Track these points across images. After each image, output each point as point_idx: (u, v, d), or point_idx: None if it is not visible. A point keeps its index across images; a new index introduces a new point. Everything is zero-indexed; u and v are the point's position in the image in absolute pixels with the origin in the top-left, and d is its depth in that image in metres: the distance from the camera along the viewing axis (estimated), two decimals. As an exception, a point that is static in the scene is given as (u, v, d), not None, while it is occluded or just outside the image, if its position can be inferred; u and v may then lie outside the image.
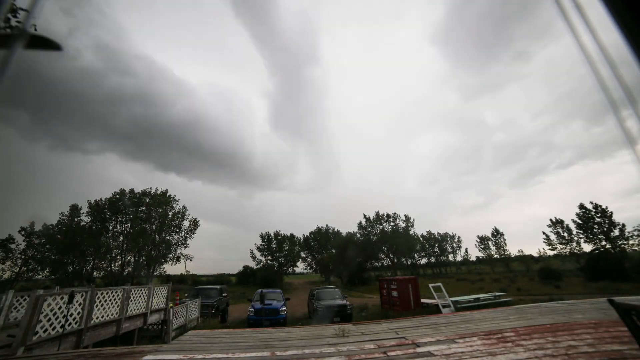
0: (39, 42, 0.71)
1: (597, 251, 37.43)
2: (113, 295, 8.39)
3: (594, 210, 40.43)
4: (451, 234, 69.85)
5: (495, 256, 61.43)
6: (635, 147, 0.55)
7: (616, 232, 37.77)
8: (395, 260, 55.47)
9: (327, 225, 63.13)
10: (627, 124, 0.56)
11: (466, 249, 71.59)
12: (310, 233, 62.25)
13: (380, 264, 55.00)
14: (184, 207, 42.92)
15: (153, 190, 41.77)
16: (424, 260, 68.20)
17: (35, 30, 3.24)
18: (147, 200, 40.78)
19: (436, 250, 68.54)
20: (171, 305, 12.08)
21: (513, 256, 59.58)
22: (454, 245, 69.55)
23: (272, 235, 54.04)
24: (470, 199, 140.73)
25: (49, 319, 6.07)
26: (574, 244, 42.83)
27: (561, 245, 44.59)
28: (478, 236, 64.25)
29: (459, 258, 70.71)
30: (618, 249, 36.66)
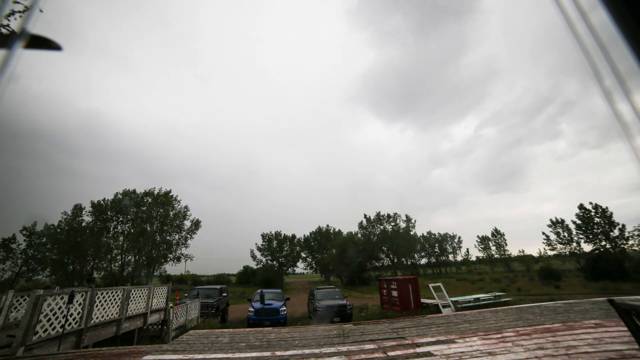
0: (39, 42, 0.71)
1: (597, 251, 37.43)
2: (113, 296, 8.39)
3: (593, 210, 40.44)
4: (451, 234, 70.01)
5: (495, 256, 61.45)
6: (632, 142, 0.55)
7: (616, 232, 37.79)
8: (396, 260, 55.45)
9: (327, 225, 63.29)
10: (623, 115, 0.56)
11: (467, 249, 71.78)
12: (310, 233, 62.37)
13: (380, 264, 54.97)
14: (185, 207, 42.89)
15: (156, 191, 41.78)
16: (424, 260, 68.30)
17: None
18: (149, 201, 40.77)
19: (436, 250, 68.56)
20: (171, 305, 12.07)
21: (513, 256, 59.59)
22: (454, 245, 69.63)
23: (273, 235, 54.04)
24: (470, 197, 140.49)
25: (49, 319, 6.07)
26: (574, 244, 42.85)
27: (561, 246, 44.60)
28: (478, 236, 64.40)
29: (459, 258, 70.81)
30: (618, 249, 36.65)
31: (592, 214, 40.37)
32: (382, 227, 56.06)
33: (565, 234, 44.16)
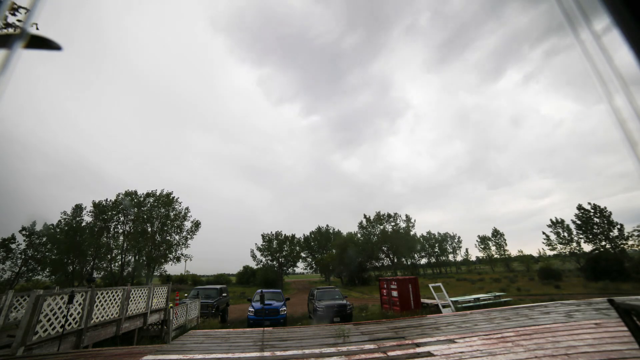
0: (39, 42, 0.71)
1: (597, 251, 37.43)
2: (113, 296, 8.38)
3: (592, 210, 40.47)
4: (451, 234, 70.05)
5: (495, 256, 61.46)
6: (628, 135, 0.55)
7: (615, 232, 37.82)
8: (396, 260, 55.45)
9: (327, 225, 63.34)
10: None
11: (466, 249, 71.86)
12: (310, 233, 62.39)
13: (380, 264, 54.99)
14: (186, 208, 43.02)
15: (158, 192, 41.97)
16: (424, 260, 68.35)
17: (37, 29, 3.25)
18: (151, 202, 40.96)
19: (436, 250, 68.60)
20: (171, 305, 12.06)
21: (513, 256, 59.59)
22: (454, 245, 69.67)
23: (273, 235, 54.04)
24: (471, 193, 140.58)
25: (49, 319, 6.06)
26: (574, 244, 42.84)
27: (561, 246, 44.61)
28: (479, 236, 64.42)
29: (459, 258, 70.86)
30: (618, 249, 36.64)
31: (591, 214, 40.43)
32: (381, 227, 56.08)
33: (565, 234, 44.18)
